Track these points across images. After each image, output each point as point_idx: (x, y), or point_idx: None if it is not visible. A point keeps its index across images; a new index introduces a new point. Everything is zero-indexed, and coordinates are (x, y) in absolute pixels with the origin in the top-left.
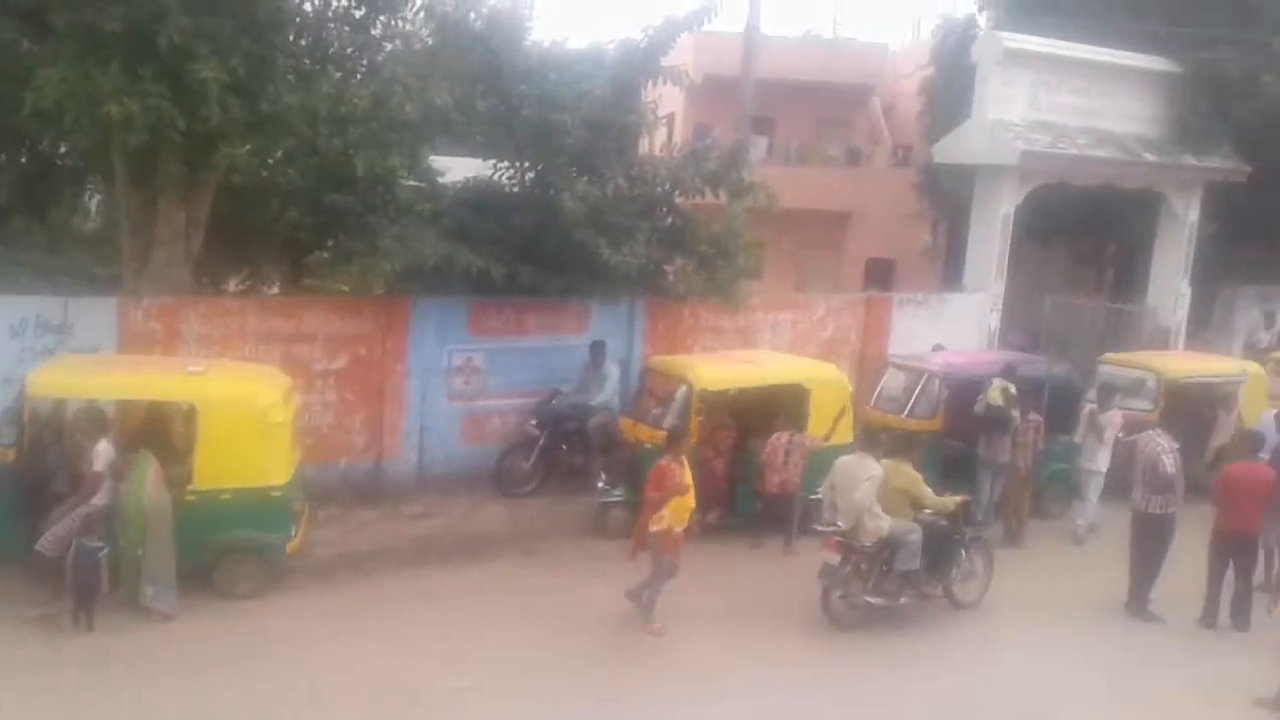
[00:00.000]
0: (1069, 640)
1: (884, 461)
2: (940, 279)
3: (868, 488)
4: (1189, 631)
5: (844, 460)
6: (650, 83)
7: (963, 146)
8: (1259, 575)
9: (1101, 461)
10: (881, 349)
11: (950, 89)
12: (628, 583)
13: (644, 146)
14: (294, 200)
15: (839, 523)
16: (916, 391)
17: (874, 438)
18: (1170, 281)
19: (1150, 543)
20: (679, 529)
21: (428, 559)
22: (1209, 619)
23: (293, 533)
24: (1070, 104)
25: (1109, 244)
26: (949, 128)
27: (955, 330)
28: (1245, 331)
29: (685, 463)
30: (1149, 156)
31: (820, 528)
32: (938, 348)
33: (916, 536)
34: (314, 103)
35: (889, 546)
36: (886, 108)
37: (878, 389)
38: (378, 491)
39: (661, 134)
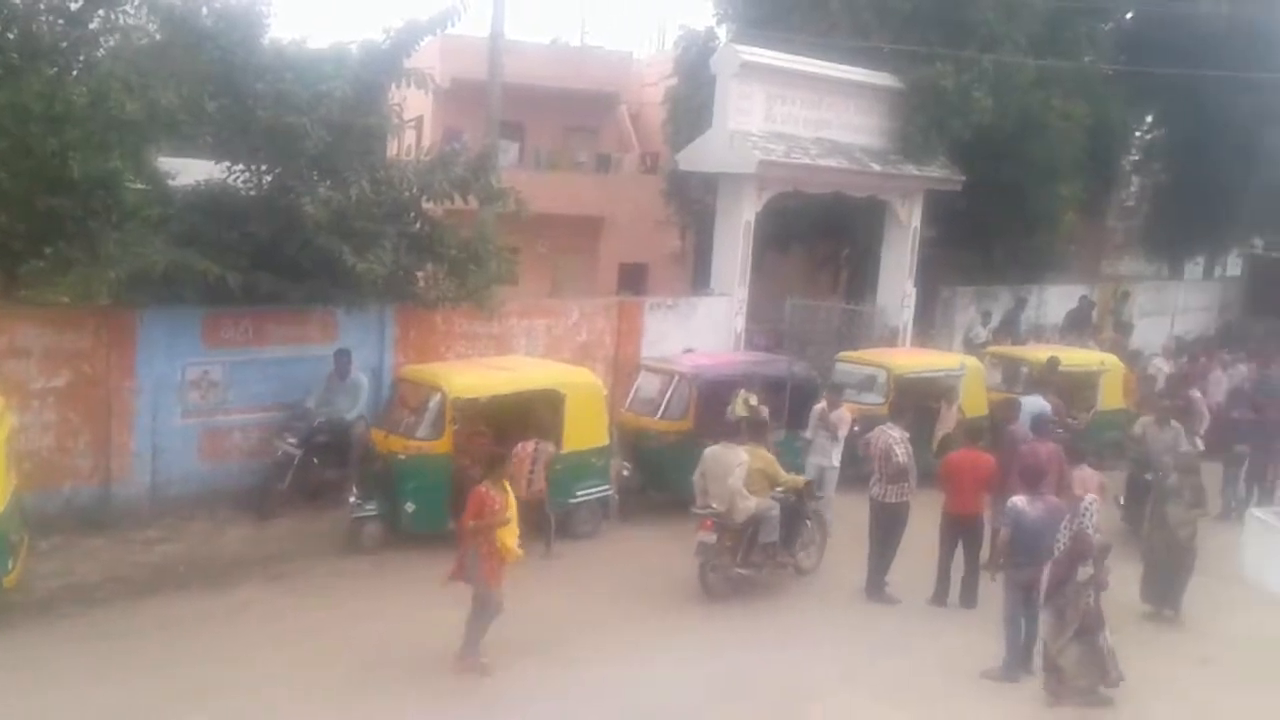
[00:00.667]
0: (810, 626)
1: (745, 447)
2: (690, 283)
3: (739, 473)
4: (923, 611)
5: (712, 450)
6: (395, 85)
7: (705, 155)
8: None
9: (835, 456)
10: (635, 352)
11: (693, 99)
12: (381, 601)
13: (392, 150)
14: (5, 205)
15: (713, 505)
16: (669, 393)
17: (736, 426)
18: (897, 283)
19: (887, 529)
20: (507, 560)
21: (163, 587)
22: (940, 598)
23: (9, 566)
24: (803, 116)
25: (843, 248)
26: (692, 136)
27: (704, 332)
28: (965, 328)
29: (507, 488)
30: (875, 166)
31: (697, 510)
32: (688, 350)
33: (776, 512)
34: (24, 100)
35: (754, 523)
36: (634, 115)
37: (632, 392)
38: (106, 518)
39: (410, 138)
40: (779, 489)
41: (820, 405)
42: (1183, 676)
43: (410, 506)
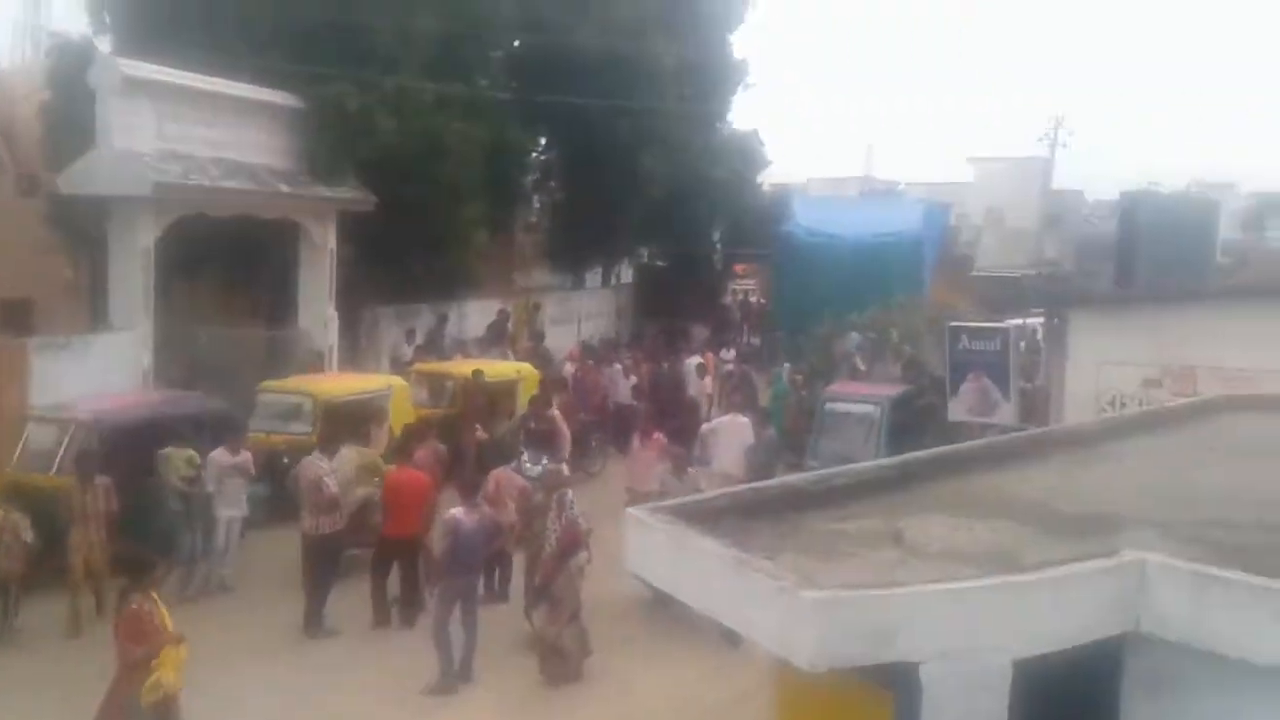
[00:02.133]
0: (243, 666)
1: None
2: (89, 318)
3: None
4: (366, 636)
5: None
6: None
7: (91, 177)
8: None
9: (244, 504)
10: (20, 401)
11: (72, 115)
12: None
13: None
14: None
15: None
16: (66, 444)
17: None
18: (318, 306)
19: (322, 562)
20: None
21: None
22: (380, 619)
23: None
24: (200, 135)
25: (260, 271)
26: (75, 156)
27: (107, 373)
28: (390, 348)
29: (157, 598)
30: (283, 187)
31: None
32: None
33: None
34: None
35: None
36: (5, 133)
37: (19, 447)
38: None
39: None
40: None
41: (218, 452)
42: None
43: None
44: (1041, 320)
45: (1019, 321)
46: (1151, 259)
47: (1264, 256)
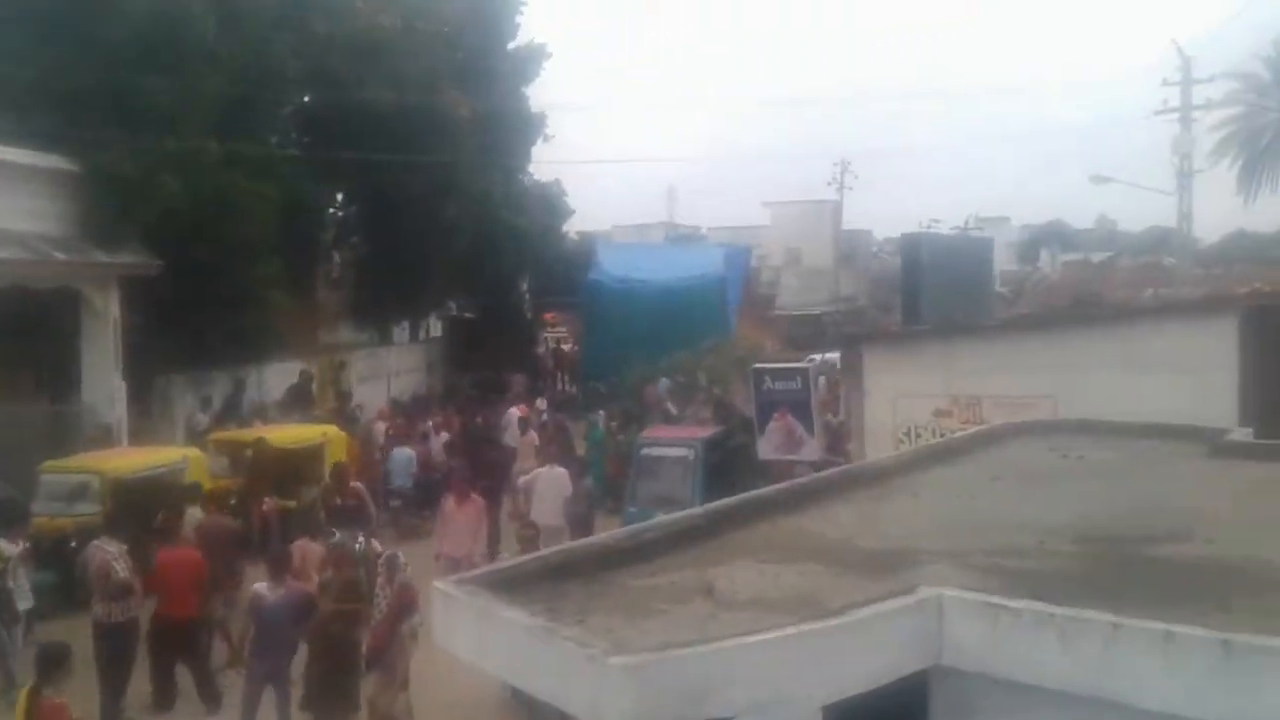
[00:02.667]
0: None
1: None
2: None
3: None
4: None
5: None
6: None
7: None
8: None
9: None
10: None
11: None
12: None
13: None
14: None
15: None
16: None
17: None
18: (103, 377)
19: (118, 651)
20: None
21: None
22: (165, 704)
23: None
24: None
25: (39, 344)
26: None
27: None
28: (185, 417)
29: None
30: (58, 255)
31: None
32: None
33: None
34: None
35: None
36: None
37: None
38: None
39: None
40: None
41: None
42: None
43: None
44: (840, 355)
45: (820, 357)
46: (935, 294)
47: (1037, 285)
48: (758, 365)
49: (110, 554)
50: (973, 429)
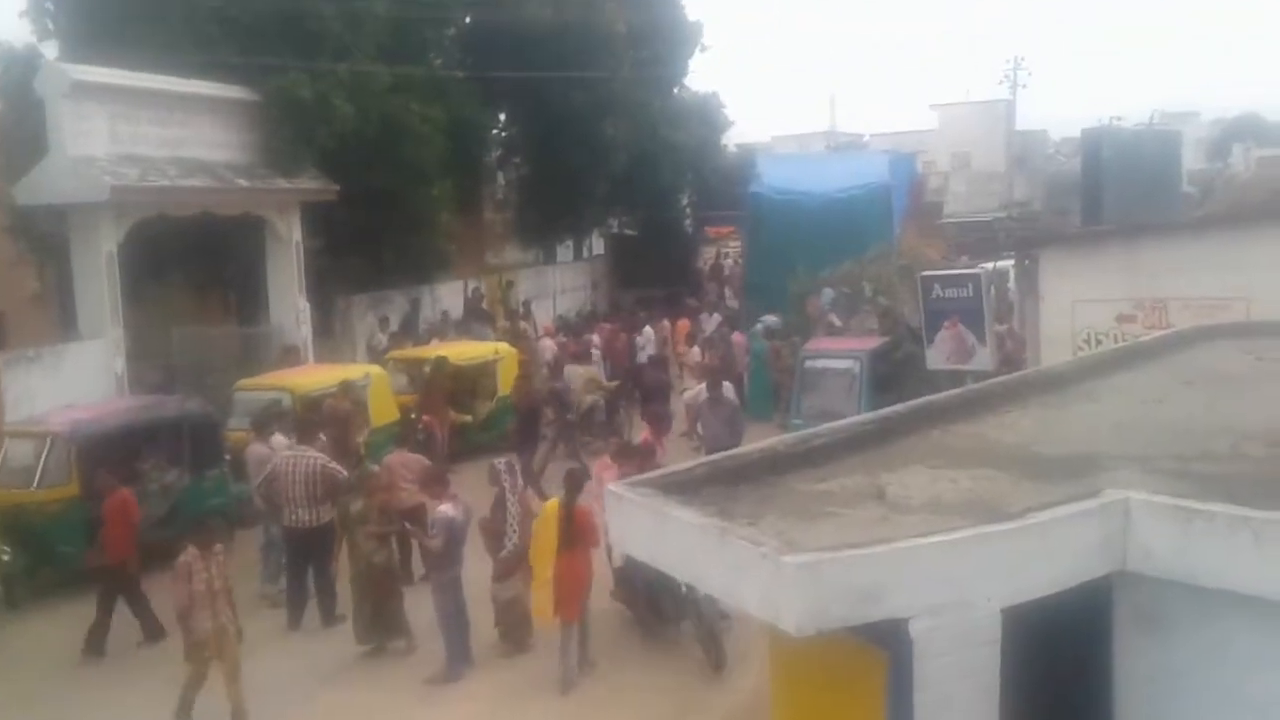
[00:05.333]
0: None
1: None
2: (58, 328)
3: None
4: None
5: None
6: None
7: (48, 185)
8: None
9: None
10: None
11: (23, 124)
12: None
13: None
14: None
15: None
16: (44, 457)
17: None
18: (288, 299)
19: (312, 553)
20: None
21: None
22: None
23: None
24: (155, 135)
25: (226, 269)
26: (30, 165)
27: (80, 382)
28: (365, 336)
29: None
30: (242, 182)
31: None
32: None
33: None
34: None
35: None
36: None
37: None
38: None
39: None
40: None
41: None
42: None
43: None
44: (1014, 263)
45: (991, 265)
46: (1117, 194)
47: (1228, 184)
48: (926, 273)
49: (319, 461)
50: (1159, 333)
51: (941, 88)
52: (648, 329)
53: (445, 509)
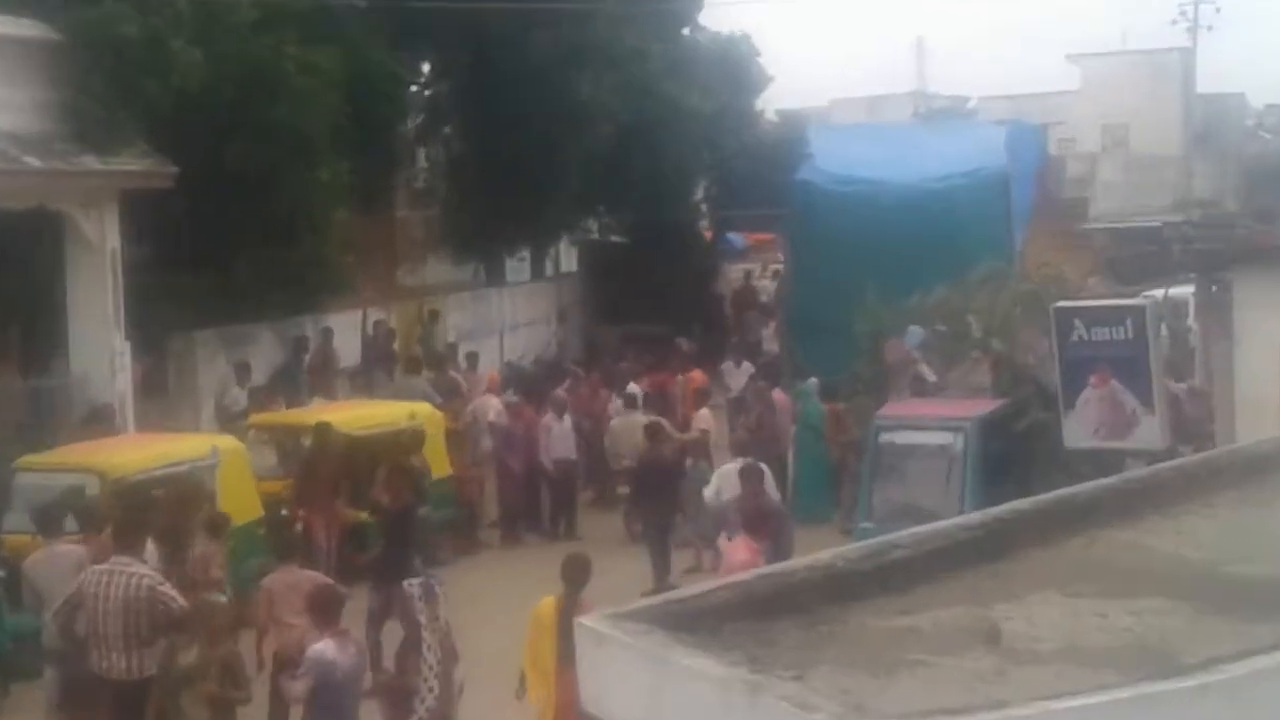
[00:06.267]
0: None
1: None
2: None
3: None
4: None
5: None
6: None
7: None
8: None
9: None
10: None
11: None
12: None
13: None
14: None
15: None
16: None
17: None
18: (100, 337)
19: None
20: None
21: None
22: None
23: None
24: None
25: (9, 290)
26: None
27: None
28: (215, 392)
29: None
30: (31, 161)
31: None
32: None
33: None
34: None
35: None
36: None
37: None
38: None
39: None
40: None
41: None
42: None
43: None
44: (1195, 291)
45: (1162, 294)
46: None
47: None
48: (1062, 304)
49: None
50: None
51: (1085, 32)
52: (631, 386)
53: (321, 646)
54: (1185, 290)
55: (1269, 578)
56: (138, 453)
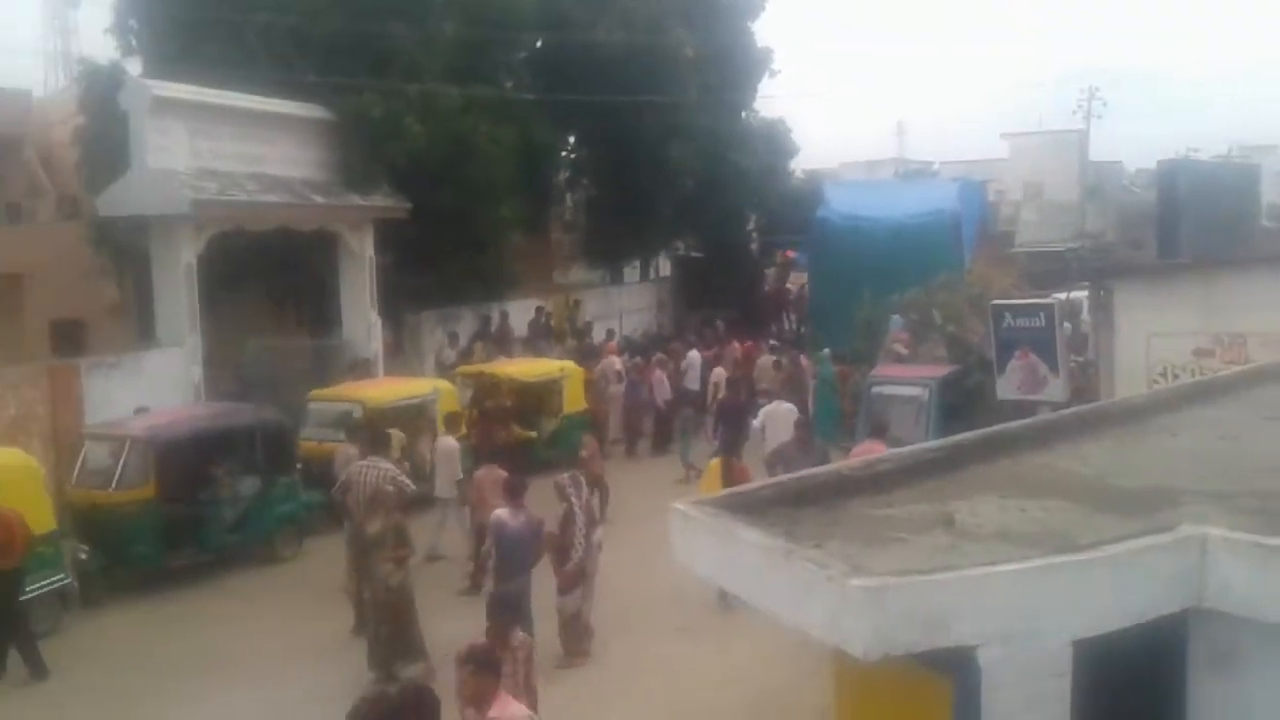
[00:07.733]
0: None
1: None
2: (137, 336)
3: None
4: None
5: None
6: None
7: (130, 197)
8: None
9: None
10: (76, 420)
11: (106, 138)
12: None
13: None
14: None
15: None
16: (123, 459)
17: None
18: (360, 313)
19: None
20: None
21: None
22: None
23: None
24: (233, 151)
25: (300, 283)
26: (113, 177)
27: (158, 388)
28: (434, 351)
29: None
30: (318, 198)
31: None
32: (140, 410)
33: None
34: None
35: None
36: (44, 159)
37: (79, 464)
38: None
39: None
40: None
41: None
42: None
43: None
44: (1086, 294)
45: (1064, 296)
46: (1194, 227)
47: None
48: (997, 301)
49: (385, 469)
50: (1238, 368)
51: (1012, 118)
52: (692, 354)
53: (499, 513)
54: (1081, 294)
55: (1136, 488)
56: (386, 390)
